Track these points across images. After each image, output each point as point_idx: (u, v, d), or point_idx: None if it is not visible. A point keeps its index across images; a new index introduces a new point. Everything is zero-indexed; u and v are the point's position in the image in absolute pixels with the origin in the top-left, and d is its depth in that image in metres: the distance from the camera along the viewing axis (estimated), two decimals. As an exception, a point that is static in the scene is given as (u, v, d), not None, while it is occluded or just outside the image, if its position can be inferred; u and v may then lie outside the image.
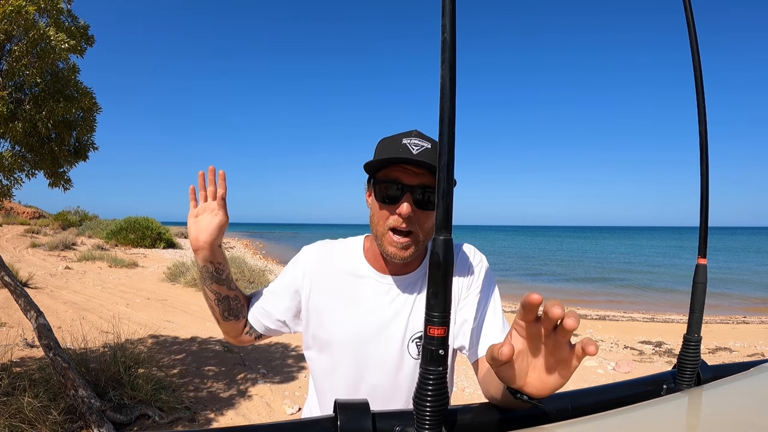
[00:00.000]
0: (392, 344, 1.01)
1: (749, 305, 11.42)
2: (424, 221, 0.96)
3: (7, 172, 3.24)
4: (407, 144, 0.93)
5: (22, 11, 2.62)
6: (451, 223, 0.55)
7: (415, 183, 0.94)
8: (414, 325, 1.02)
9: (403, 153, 0.92)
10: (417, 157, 0.91)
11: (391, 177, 0.95)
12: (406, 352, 1.01)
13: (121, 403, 3.38)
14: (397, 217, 0.94)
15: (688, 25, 0.78)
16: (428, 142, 0.95)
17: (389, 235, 0.96)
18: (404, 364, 1.01)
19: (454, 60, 0.54)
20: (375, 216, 0.98)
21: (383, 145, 0.99)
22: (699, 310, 0.83)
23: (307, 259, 1.08)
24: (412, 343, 1.01)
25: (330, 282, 1.04)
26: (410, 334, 1.01)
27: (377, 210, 0.98)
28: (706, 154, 0.81)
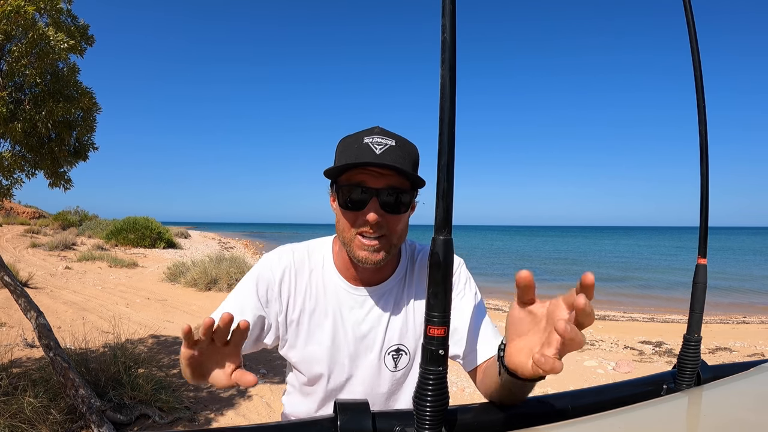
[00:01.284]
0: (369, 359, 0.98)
1: (749, 305, 11.42)
2: (394, 224, 0.90)
3: (7, 172, 3.24)
4: (369, 143, 0.86)
5: (21, 11, 2.62)
6: (451, 223, 0.55)
7: (381, 185, 0.87)
8: (390, 337, 0.98)
9: (365, 154, 0.85)
10: (380, 159, 0.84)
11: (355, 181, 0.87)
12: (383, 365, 0.99)
13: (121, 403, 3.38)
14: (364, 223, 0.88)
15: (688, 25, 0.78)
16: (392, 138, 0.88)
17: (358, 239, 0.89)
18: (381, 377, 0.99)
19: (454, 60, 0.54)
20: (341, 222, 0.92)
21: (344, 145, 0.91)
22: (699, 310, 0.83)
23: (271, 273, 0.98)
24: (388, 356, 0.99)
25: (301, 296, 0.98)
26: (386, 347, 0.99)
27: (341, 216, 0.91)
28: (706, 154, 0.81)
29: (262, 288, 0.97)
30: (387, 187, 0.87)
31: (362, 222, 0.88)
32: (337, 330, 0.98)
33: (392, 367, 0.99)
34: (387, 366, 0.99)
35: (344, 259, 0.98)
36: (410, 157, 0.90)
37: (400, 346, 0.99)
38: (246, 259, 12.24)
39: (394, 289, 1.00)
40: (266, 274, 0.98)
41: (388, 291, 1.00)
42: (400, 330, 0.99)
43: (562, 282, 16.47)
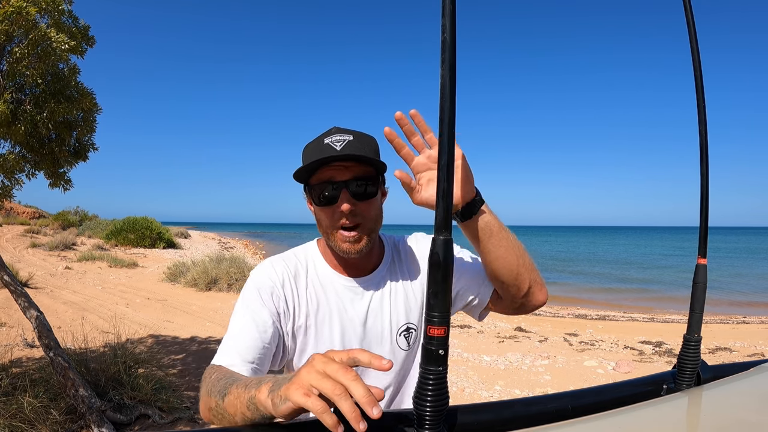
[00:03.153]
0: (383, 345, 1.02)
1: (749, 305, 11.42)
2: (367, 211, 0.96)
3: (9, 173, 3.24)
4: (330, 143, 0.93)
5: (22, 12, 2.62)
6: (450, 223, 0.55)
7: (348, 177, 0.93)
8: (397, 319, 1.03)
9: (327, 152, 0.91)
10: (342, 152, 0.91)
11: (324, 179, 0.93)
12: (397, 347, 1.03)
13: (122, 403, 3.38)
14: (340, 215, 0.93)
15: (688, 25, 0.78)
16: (349, 134, 0.94)
17: (338, 233, 0.95)
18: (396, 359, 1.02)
19: (454, 60, 0.54)
20: (321, 221, 0.97)
21: (308, 150, 0.97)
22: (699, 310, 0.83)
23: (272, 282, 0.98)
24: (400, 336, 1.03)
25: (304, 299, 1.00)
26: (397, 329, 1.03)
27: (319, 214, 0.97)
28: (706, 154, 0.81)
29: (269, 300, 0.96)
30: (353, 178, 0.93)
31: (338, 215, 0.93)
32: (345, 325, 1.00)
33: (405, 346, 1.03)
34: (401, 347, 1.03)
35: (332, 256, 1.03)
36: (370, 147, 0.96)
37: (408, 324, 1.04)
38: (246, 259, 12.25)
39: (386, 274, 1.05)
40: (267, 284, 0.98)
41: (382, 277, 1.05)
42: (404, 309, 1.04)
43: (562, 282, 16.47)
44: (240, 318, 0.93)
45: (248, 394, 0.65)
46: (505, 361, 5.71)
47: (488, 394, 4.56)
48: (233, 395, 0.69)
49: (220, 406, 0.72)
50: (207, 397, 0.78)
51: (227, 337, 0.91)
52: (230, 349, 0.88)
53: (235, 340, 0.89)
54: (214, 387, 0.77)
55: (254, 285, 0.98)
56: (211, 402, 0.76)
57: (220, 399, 0.72)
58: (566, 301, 12.20)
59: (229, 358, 0.87)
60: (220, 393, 0.73)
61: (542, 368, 5.45)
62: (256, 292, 0.96)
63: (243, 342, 0.89)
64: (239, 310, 0.95)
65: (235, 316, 0.94)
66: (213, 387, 0.77)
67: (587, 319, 9.35)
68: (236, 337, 0.89)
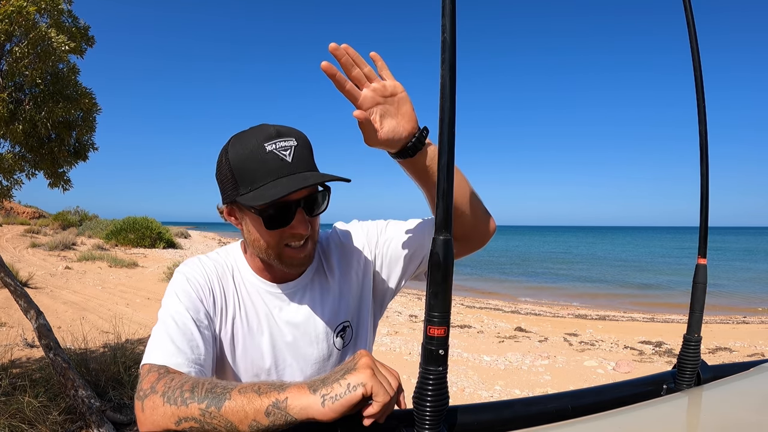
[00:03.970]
0: (318, 348, 0.96)
1: (749, 305, 11.42)
2: (316, 225, 0.89)
3: (8, 173, 3.24)
4: (275, 151, 0.81)
5: (23, 11, 2.62)
6: (451, 223, 0.55)
7: (304, 195, 0.84)
8: (331, 320, 0.97)
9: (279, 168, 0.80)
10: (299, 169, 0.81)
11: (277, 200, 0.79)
12: (334, 348, 0.98)
13: (121, 403, 3.38)
14: (293, 236, 0.85)
15: (688, 25, 0.78)
16: (291, 137, 0.83)
17: (286, 251, 0.86)
18: (331, 356, 0.98)
19: (454, 60, 0.54)
20: (262, 240, 0.86)
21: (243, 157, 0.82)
22: (699, 310, 0.83)
23: (204, 279, 0.90)
24: (337, 337, 0.98)
25: (232, 301, 0.93)
26: (332, 329, 0.97)
27: (264, 234, 0.85)
28: (706, 154, 0.81)
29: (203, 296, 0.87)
30: (309, 195, 0.85)
31: (289, 235, 0.85)
32: (273, 332, 0.94)
33: (340, 345, 0.99)
34: (337, 347, 0.98)
35: (257, 263, 0.94)
36: (310, 150, 0.87)
37: (344, 323, 0.99)
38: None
39: (314, 275, 0.99)
40: (200, 281, 0.89)
41: (310, 279, 0.98)
42: (337, 308, 0.98)
43: (562, 283, 16.47)
44: (176, 313, 0.82)
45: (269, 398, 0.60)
46: (505, 361, 5.71)
47: (488, 394, 4.56)
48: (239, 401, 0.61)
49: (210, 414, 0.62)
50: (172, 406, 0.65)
51: (162, 334, 0.79)
52: (172, 348, 0.77)
53: (175, 337, 0.78)
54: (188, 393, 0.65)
55: (186, 281, 0.88)
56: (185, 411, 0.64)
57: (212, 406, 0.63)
58: (566, 300, 12.20)
59: (174, 357, 0.76)
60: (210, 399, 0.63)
61: (542, 368, 5.45)
62: (190, 289, 0.87)
63: (185, 339, 0.79)
64: (173, 305, 0.84)
65: (169, 311, 0.83)
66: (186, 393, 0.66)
67: (587, 319, 9.35)
68: (175, 333, 0.79)
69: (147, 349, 0.78)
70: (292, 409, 0.59)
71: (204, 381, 0.68)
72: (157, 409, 0.66)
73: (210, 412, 0.62)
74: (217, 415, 0.62)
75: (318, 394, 0.59)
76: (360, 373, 0.60)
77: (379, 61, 0.80)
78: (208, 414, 0.63)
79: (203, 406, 0.63)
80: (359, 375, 0.59)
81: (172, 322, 0.81)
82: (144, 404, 0.69)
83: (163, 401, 0.66)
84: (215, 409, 0.62)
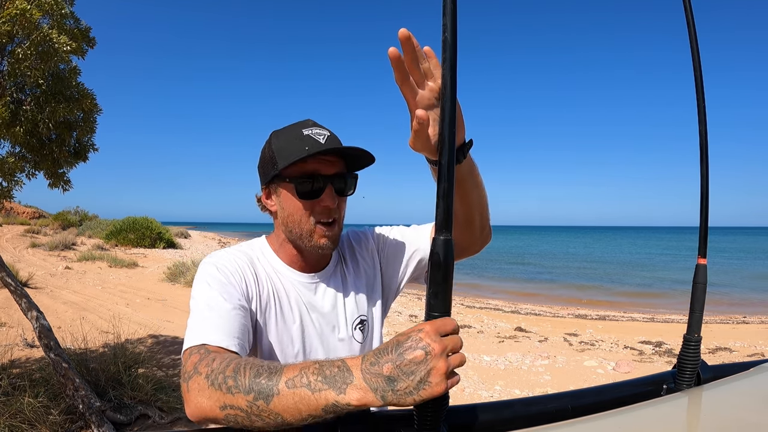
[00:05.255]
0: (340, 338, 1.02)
1: (749, 305, 11.42)
2: (343, 207, 0.96)
3: (9, 174, 3.24)
4: (311, 134, 0.90)
5: (26, 14, 2.62)
6: (451, 223, 0.55)
7: (333, 172, 0.92)
8: (351, 311, 1.03)
9: (313, 144, 0.89)
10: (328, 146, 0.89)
11: (310, 171, 0.90)
12: (354, 341, 1.03)
13: (121, 403, 3.38)
14: (323, 210, 0.91)
15: (688, 25, 0.78)
16: (327, 130, 0.94)
17: (318, 228, 0.92)
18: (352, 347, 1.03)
19: (455, 60, 0.54)
20: (295, 214, 0.92)
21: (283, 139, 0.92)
22: (699, 310, 0.83)
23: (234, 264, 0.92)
24: (356, 330, 1.03)
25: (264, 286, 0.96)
26: (352, 321, 1.03)
27: (297, 207, 0.91)
28: (706, 154, 0.81)
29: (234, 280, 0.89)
30: (337, 174, 0.92)
31: (320, 209, 0.91)
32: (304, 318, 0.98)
33: (360, 338, 1.04)
34: (356, 339, 1.03)
35: (287, 252, 0.99)
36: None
37: (362, 317, 1.05)
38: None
39: (337, 268, 1.05)
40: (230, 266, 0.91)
41: (333, 271, 1.04)
42: (357, 302, 1.04)
43: (562, 283, 16.47)
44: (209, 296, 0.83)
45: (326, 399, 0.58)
46: (505, 361, 5.71)
47: (488, 394, 4.56)
48: (291, 398, 0.59)
49: (257, 407, 0.61)
50: (217, 391, 0.64)
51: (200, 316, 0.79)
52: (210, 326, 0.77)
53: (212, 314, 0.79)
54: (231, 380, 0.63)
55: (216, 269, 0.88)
56: (230, 399, 0.62)
57: (260, 399, 0.61)
58: (566, 300, 12.20)
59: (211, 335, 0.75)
60: (257, 391, 0.61)
61: (542, 368, 5.45)
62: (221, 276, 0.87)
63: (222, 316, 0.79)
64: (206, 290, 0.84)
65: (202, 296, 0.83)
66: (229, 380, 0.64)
67: (587, 319, 9.35)
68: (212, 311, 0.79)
69: (185, 337, 0.78)
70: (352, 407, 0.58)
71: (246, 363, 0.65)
72: (203, 392, 0.65)
73: (258, 406, 0.61)
74: (265, 409, 0.61)
75: (386, 401, 0.56)
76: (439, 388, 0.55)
77: (434, 59, 0.71)
78: (256, 407, 0.61)
79: (250, 398, 0.61)
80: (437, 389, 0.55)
81: (205, 306, 0.81)
82: (189, 385, 0.68)
83: (208, 384, 0.65)
84: (263, 403, 0.61)
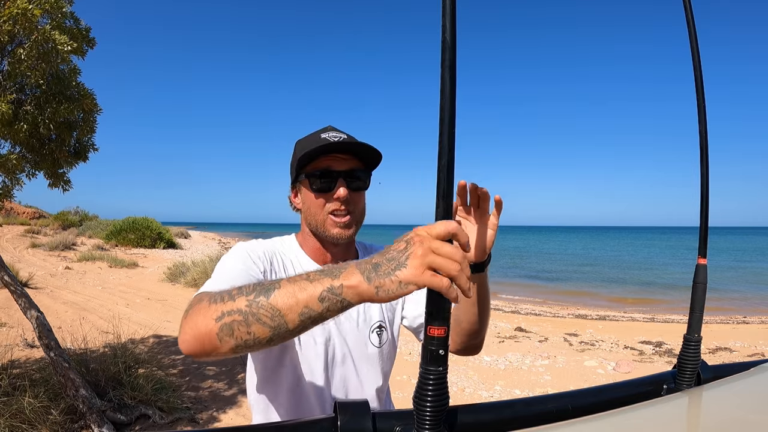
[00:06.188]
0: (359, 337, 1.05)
1: (749, 305, 11.42)
2: (357, 202, 1.01)
3: (11, 173, 3.25)
4: (327, 137, 0.98)
5: (27, 14, 2.62)
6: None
7: (345, 168, 0.99)
8: (370, 315, 1.06)
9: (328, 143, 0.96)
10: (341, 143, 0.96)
11: (322, 167, 0.98)
12: (369, 343, 1.05)
13: (122, 403, 3.38)
14: (335, 203, 0.98)
15: (688, 25, 0.78)
16: (344, 134, 1.01)
17: (330, 218, 0.99)
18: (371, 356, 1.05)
19: (454, 60, 0.54)
20: (312, 207, 1.01)
21: (303, 144, 1.03)
22: (699, 310, 0.83)
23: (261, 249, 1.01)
24: (373, 333, 1.06)
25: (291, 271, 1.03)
26: (369, 324, 1.06)
27: (313, 201, 1.00)
28: (706, 154, 0.81)
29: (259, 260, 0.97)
30: (349, 170, 0.99)
31: (333, 203, 0.98)
32: None
33: (377, 343, 1.06)
34: (373, 343, 1.06)
35: (312, 247, 1.06)
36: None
37: (380, 322, 1.08)
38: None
39: None
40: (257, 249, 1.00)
41: None
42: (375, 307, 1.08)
43: (562, 283, 16.46)
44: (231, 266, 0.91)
45: (322, 284, 0.60)
46: (506, 361, 5.71)
47: (488, 394, 4.56)
48: (290, 289, 0.61)
49: (257, 304, 0.62)
50: (216, 305, 0.65)
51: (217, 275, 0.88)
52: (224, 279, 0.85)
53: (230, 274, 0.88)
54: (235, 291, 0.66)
55: (243, 248, 0.98)
56: (230, 305, 0.64)
57: (260, 296, 0.62)
58: (566, 300, 12.20)
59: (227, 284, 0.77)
60: (258, 291, 0.63)
61: (542, 368, 5.45)
62: (246, 253, 0.96)
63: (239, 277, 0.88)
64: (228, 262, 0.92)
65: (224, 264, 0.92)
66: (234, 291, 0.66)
67: (587, 319, 9.35)
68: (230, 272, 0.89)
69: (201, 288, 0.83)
70: (347, 294, 0.59)
71: (255, 282, 0.68)
72: (201, 311, 0.66)
73: (257, 302, 0.62)
74: (265, 304, 0.61)
75: (372, 285, 0.58)
76: (412, 271, 0.56)
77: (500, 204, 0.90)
78: (255, 304, 0.62)
79: (251, 297, 0.63)
80: (410, 273, 0.56)
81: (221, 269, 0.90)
82: (188, 312, 0.69)
83: (209, 303, 0.66)
84: (264, 298, 0.62)
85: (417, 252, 0.56)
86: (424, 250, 0.56)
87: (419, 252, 0.56)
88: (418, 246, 0.57)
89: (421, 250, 0.56)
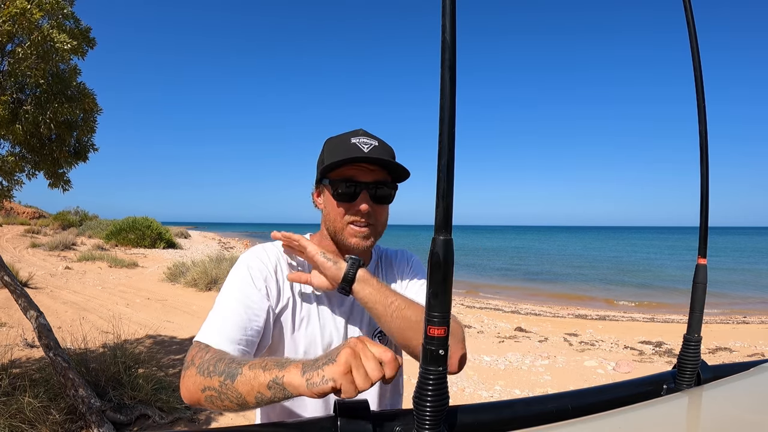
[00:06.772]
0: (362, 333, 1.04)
1: (749, 305, 11.42)
2: (380, 214, 1.00)
3: (9, 174, 3.24)
4: (357, 143, 0.96)
5: (26, 13, 2.62)
6: (451, 223, 0.55)
7: (369, 180, 0.97)
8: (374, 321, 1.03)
9: (355, 152, 0.95)
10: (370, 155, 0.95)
11: (347, 176, 0.97)
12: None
13: (121, 403, 3.38)
14: (356, 213, 0.97)
15: (688, 25, 0.78)
16: (375, 140, 0.99)
17: (350, 227, 0.98)
18: None
19: (454, 60, 0.54)
20: (332, 213, 1.00)
21: (332, 145, 1.01)
22: (699, 310, 0.83)
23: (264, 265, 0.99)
24: (375, 338, 1.05)
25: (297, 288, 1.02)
26: (372, 329, 1.06)
27: (334, 207, 0.99)
28: (706, 154, 0.81)
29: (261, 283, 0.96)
30: (375, 182, 0.98)
31: (354, 212, 0.97)
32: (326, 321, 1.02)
33: None
34: None
35: (328, 248, 1.04)
36: (390, 156, 1.00)
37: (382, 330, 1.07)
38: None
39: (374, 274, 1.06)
40: (260, 267, 0.98)
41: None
42: None
43: (562, 283, 16.47)
44: (230, 298, 0.92)
45: (271, 375, 0.69)
46: (505, 361, 5.71)
47: (488, 394, 4.56)
48: (248, 375, 0.71)
49: (225, 386, 0.73)
50: (200, 377, 0.77)
51: (215, 316, 0.90)
52: (219, 330, 0.87)
53: (225, 321, 0.88)
54: (213, 367, 0.77)
55: (246, 267, 0.97)
56: (209, 382, 0.76)
57: (228, 379, 0.73)
58: (566, 301, 12.20)
59: (218, 338, 0.86)
60: (227, 373, 0.74)
61: (542, 368, 5.45)
62: (248, 275, 0.96)
63: (233, 323, 0.88)
64: (230, 290, 0.94)
65: (224, 296, 0.93)
66: (211, 367, 0.77)
67: (587, 319, 9.35)
68: (226, 318, 0.89)
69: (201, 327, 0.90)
70: (287, 386, 0.67)
71: (229, 357, 0.79)
72: (191, 378, 0.79)
73: (226, 384, 0.73)
74: (231, 387, 0.73)
75: (304, 378, 0.66)
76: (335, 368, 0.64)
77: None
78: (224, 386, 0.74)
79: (222, 378, 0.74)
80: (333, 370, 0.64)
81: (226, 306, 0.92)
82: (184, 373, 0.82)
83: (196, 372, 0.79)
84: (230, 381, 0.73)
85: (347, 354, 0.64)
86: (355, 352, 0.65)
87: (349, 354, 0.64)
88: (349, 348, 0.65)
89: (351, 353, 0.64)
